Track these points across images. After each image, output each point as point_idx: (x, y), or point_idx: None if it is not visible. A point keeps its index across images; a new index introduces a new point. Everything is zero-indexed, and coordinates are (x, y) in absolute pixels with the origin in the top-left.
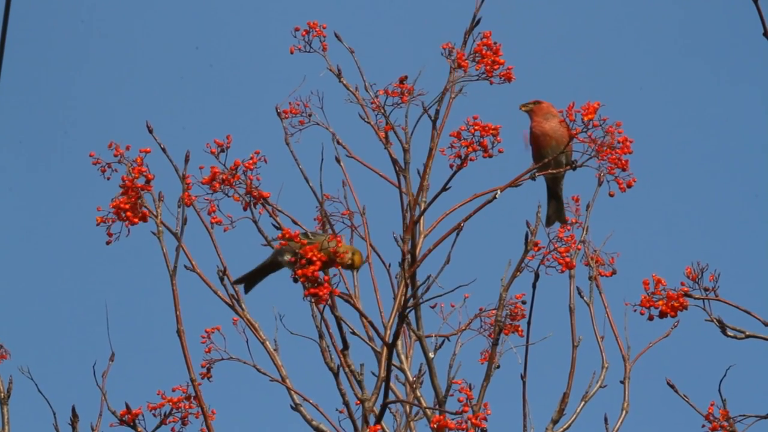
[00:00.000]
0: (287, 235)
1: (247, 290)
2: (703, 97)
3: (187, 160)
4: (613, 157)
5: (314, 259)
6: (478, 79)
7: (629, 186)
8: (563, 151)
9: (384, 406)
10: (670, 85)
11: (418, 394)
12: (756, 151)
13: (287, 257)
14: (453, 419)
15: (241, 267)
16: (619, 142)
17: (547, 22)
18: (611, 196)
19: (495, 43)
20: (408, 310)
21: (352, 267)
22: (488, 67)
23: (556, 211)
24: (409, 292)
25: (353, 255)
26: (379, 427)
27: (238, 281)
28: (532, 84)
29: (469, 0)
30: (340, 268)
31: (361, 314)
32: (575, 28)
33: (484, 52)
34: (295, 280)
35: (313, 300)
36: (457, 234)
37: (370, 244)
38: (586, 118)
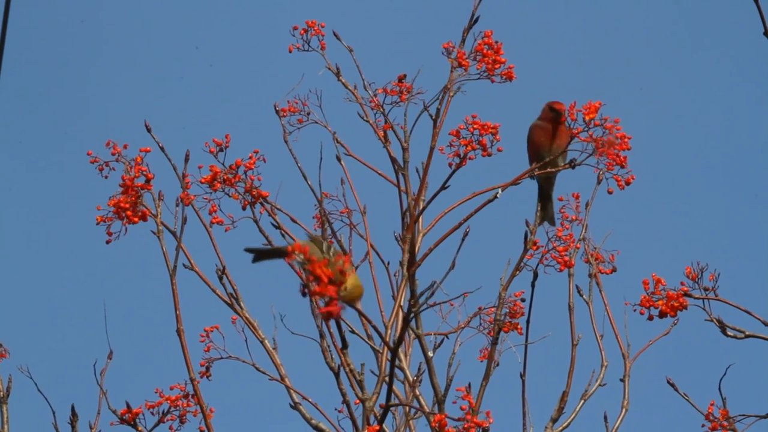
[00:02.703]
0: (300, 253)
1: (254, 261)
2: (703, 97)
3: (187, 160)
4: (611, 154)
5: (323, 277)
6: (479, 78)
7: (627, 183)
8: (563, 151)
9: (386, 409)
10: (670, 85)
11: (418, 393)
12: (756, 151)
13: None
14: (455, 426)
15: (239, 266)
16: (617, 139)
17: (547, 22)
18: (610, 193)
19: (496, 42)
20: (411, 316)
21: (349, 298)
22: (489, 66)
23: (547, 212)
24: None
25: (354, 289)
26: (377, 427)
27: (251, 249)
28: (532, 83)
29: None
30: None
31: (365, 318)
32: (575, 28)
33: (485, 51)
34: (304, 294)
35: (325, 318)
36: (463, 238)
37: (370, 243)
38: (587, 118)
